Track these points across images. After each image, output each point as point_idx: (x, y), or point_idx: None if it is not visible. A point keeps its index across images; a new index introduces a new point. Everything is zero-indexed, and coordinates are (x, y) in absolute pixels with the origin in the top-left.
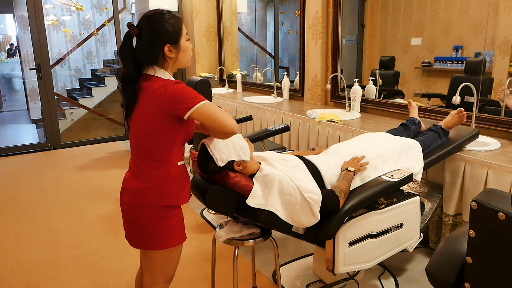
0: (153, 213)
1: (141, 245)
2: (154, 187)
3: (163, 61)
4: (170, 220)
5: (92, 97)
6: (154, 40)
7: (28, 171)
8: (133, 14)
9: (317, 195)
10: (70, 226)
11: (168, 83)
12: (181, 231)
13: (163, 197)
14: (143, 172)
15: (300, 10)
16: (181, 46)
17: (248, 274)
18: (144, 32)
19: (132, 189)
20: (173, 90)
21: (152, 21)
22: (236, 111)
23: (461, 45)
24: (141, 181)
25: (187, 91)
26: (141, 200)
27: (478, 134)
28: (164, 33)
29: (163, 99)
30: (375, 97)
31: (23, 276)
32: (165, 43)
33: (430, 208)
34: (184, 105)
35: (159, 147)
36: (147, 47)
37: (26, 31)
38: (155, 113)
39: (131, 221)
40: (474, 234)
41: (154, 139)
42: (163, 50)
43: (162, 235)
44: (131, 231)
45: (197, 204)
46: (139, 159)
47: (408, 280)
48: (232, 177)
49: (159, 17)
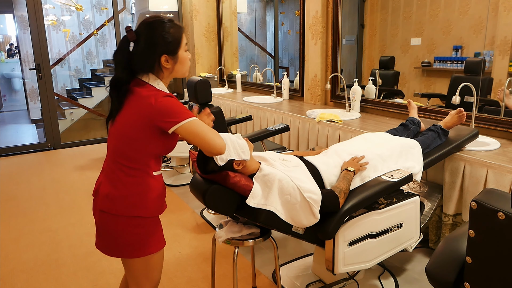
0: (126, 221)
1: (116, 254)
2: (128, 196)
3: (158, 70)
4: (147, 228)
5: (92, 97)
6: (152, 49)
7: (28, 171)
8: (133, 14)
9: (317, 195)
10: (70, 226)
11: (160, 94)
12: (159, 237)
13: (136, 207)
14: (117, 178)
15: (300, 10)
16: (179, 57)
17: (248, 274)
18: (141, 39)
19: (105, 194)
20: (162, 102)
21: (151, 29)
22: (236, 111)
23: (461, 45)
24: (114, 187)
25: (176, 106)
26: (113, 207)
27: (477, 134)
28: (162, 43)
29: (150, 109)
30: (375, 97)
31: (23, 276)
32: (162, 53)
33: (430, 208)
34: (171, 119)
35: (136, 155)
36: (143, 55)
37: (26, 31)
38: (138, 120)
39: (105, 229)
40: (474, 234)
41: (133, 146)
42: (160, 60)
43: (138, 243)
44: (105, 239)
45: (197, 204)
46: (115, 164)
47: (408, 280)
48: (232, 177)
49: (159, 25)
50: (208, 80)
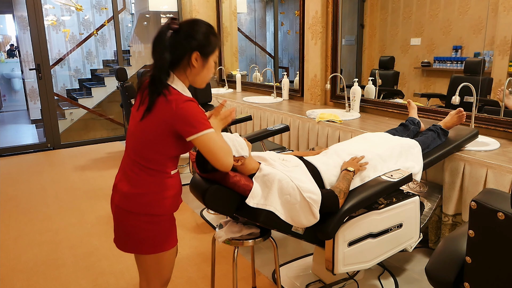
0: (141, 219)
1: (129, 249)
2: (145, 194)
3: (185, 66)
4: (161, 225)
5: (92, 97)
6: (188, 40)
7: (28, 171)
8: (132, 14)
9: (316, 195)
10: (70, 226)
11: (181, 98)
12: (172, 235)
13: (151, 205)
14: (136, 177)
15: (300, 10)
16: (209, 62)
17: (247, 274)
18: (183, 30)
19: (123, 192)
20: (183, 109)
21: (196, 25)
22: (236, 111)
23: (461, 45)
24: (132, 185)
25: (196, 115)
26: (129, 204)
27: (477, 134)
28: (200, 40)
29: (171, 114)
30: (375, 97)
31: (23, 276)
32: (196, 49)
33: (429, 208)
34: (189, 128)
35: (155, 157)
36: (178, 43)
37: (26, 31)
38: (160, 125)
39: (119, 224)
40: (474, 234)
41: (153, 149)
42: (191, 56)
43: (151, 240)
44: (119, 235)
45: (197, 204)
46: (134, 163)
47: (408, 280)
48: (232, 177)
49: (205, 26)
50: None
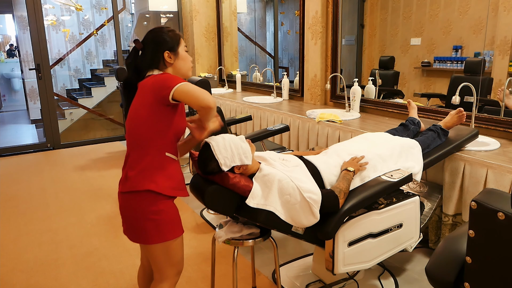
0: (138, 198)
1: (135, 239)
2: (140, 172)
3: (163, 66)
4: (162, 215)
5: (92, 97)
6: (156, 48)
7: (28, 171)
8: (132, 14)
9: (316, 195)
10: (70, 226)
11: (157, 75)
12: (176, 225)
13: (146, 181)
14: (133, 159)
15: (300, 10)
16: (180, 53)
17: (247, 274)
18: (147, 43)
19: (125, 177)
20: (158, 77)
21: (153, 33)
22: (236, 111)
23: (461, 45)
24: (131, 168)
25: (169, 77)
26: (128, 185)
27: (477, 134)
28: (163, 42)
29: (151, 87)
30: (375, 97)
31: (23, 276)
32: (165, 50)
33: (429, 208)
34: (167, 88)
35: (148, 134)
36: (150, 55)
37: (26, 31)
38: (145, 100)
39: (125, 213)
40: (474, 234)
41: (145, 126)
42: (163, 56)
43: (155, 229)
44: (127, 225)
45: (197, 204)
46: (131, 147)
47: (408, 280)
48: (232, 178)
49: (160, 30)
50: (208, 80)
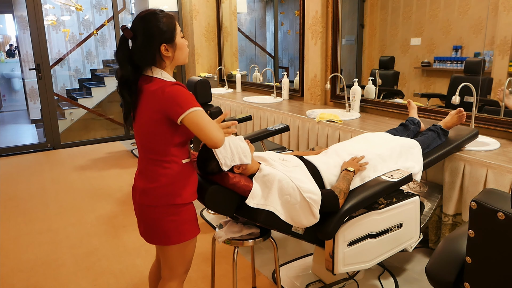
0: (163, 210)
1: (156, 241)
2: (161, 187)
3: (160, 61)
4: (182, 215)
5: (92, 97)
6: (150, 41)
7: (28, 171)
8: (132, 14)
9: (316, 195)
10: (70, 226)
11: (166, 84)
12: (194, 225)
13: (170, 196)
14: (150, 172)
15: (300, 10)
16: (177, 44)
17: (247, 274)
18: (139, 33)
19: (141, 189)
20: (169, 93)
21: (146, 22)
22: (236, 111)
23: (461, 45)
24: (148, 181)
25: (182, 95)
26: (150, 199)
27: (477, 134)
28: (158, 33)
29: (160, 101)
30: (375, 97)
31: (23, 276)
32: (161, 43)
33: (429, 208)
34: (178, 109)
35: (160, 147)
36: (143, 48)
37: (26, 31)
38: (154, 115)
39: (144, 219)
40: (474, 234)
41: (155, 140)
42: (160, 50)
43: (175, 230)
44: (145, 229)
45: (197, 204)
46: (146, 160)
47: (408, 280)
48: (232, 178)
49: (153, 17)
50: (208, 80)
